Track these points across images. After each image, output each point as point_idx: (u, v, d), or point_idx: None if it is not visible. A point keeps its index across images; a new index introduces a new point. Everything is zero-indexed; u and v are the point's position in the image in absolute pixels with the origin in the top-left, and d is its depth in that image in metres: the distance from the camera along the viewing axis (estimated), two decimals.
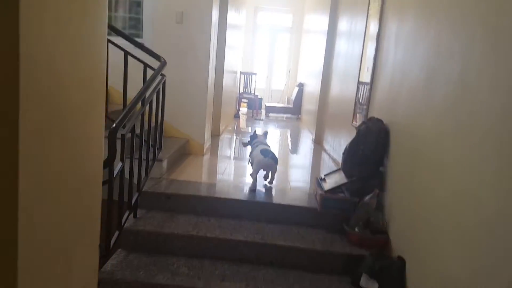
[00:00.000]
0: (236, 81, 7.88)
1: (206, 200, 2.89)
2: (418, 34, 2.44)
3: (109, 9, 3.88)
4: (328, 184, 3.03)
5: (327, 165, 4.42)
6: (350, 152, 2.95)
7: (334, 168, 4.21)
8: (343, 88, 4.50)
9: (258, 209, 2.90)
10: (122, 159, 2.29)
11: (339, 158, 4.29)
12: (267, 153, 3.15)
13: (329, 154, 4.93)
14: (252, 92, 8.61)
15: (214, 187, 3.16)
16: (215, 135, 5.54)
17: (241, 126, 7.71)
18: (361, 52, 3.70)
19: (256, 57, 10.76)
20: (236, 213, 2.88)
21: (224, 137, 5.72)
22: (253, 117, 8.52)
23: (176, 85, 4.02)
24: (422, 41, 2.36)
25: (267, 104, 9.05)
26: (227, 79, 5.97)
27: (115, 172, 2.23)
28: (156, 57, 2.98)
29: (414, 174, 2.31)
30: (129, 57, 2.99)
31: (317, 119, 5.83)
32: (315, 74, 6.92)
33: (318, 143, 5.84)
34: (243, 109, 9.84)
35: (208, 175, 3.60)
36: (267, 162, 3.12)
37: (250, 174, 3.18)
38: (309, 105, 7.47)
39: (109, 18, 3.85)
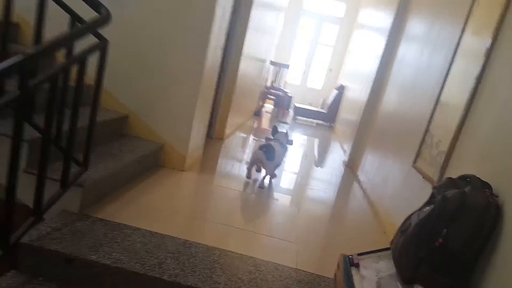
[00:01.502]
0: (263, 71, 6.50)
1: (135, 279, 1.57)
2: None
3: None
4: (367, 282, 1.63)
5: (359, 207, 2.99)
6: (417, 233, 1.53)
7: (370, 220, 2.79)
8: (405, 104, 3.04)
9: None
10: None
11: (379, 201, 2.85)
12: (263, 146, 2.91)
13: (364, 190, 3.49)
14: (282, 87, 7.20)
15: (172, 245, 1.84)
16: (218, 138, 4.22)
17: (262, 126, 6.35)
18: (447, 66, 2.27)
19: (295, 47, 9.30)
20: None
21: (232, 141, 4.38)
22: (277, 118, 7.13)
23: (152, 61, 2.73)
24: None
25: (297, 105, 7.61)
26: (247, 67, 4.61)
27: None
28: (93, 4, 1.66)
29: None
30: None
31: (356, 136, 4.38)
32: (362, 78, 5.44)
33: (351, 167, 4.40)
34: (268, 107, 8.45)
35: (171, 217, 2.25)
36: (257, 154, 2.88)
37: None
38: (348, 114, 5.99)
39: None
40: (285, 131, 3.37)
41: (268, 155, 2.86)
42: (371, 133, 3.96)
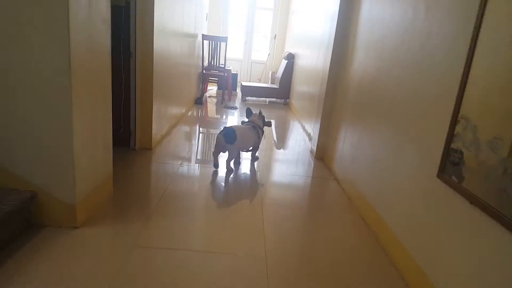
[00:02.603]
0: (195, 49, 5.34)
1: None
2: None
3: None
4: None
5: (354, 234, 2.10)
6: None
7: (377, 258, 1.90)
8: (393, 74, 2.10)
9: None
10: None
11: (378, 222, 1.93)
12: (223, 129, 2.80)
13: (348, 197, 2.59)
14: (223, 65, 6.07)
15: None
16: (144, 149, 3.10)
17: (208, 115, 5.28)
18: (472, 28, 1.34)
19: (231, 16, 8.12)
20: None
21: (168, 145, 3.29)
22: (222, 103, 6.02)
23: None
24: None
25: (244, 84, 6.54)
26: (169, 46, 3.47)
27: None
28: None
29: None
30: None
31: (322, 115, 3.44)
32: (316, 43, 4.49)
33: (321, 159, 3.48)
34: (212, 89, 7.29)
35: None
36: (218, 137, 2.80)
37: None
38: (305, 86, 5.05)
39: None
40: (260, 112, 3.28)
41: (227, 138, 2.76)
42: (343, 110, 3.01)
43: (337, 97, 3.23)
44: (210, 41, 5.76)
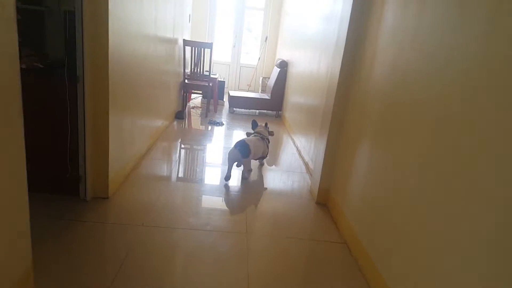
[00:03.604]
0: (175, 56, 4.61)
1: None
2: None
3: None
4: None
5: None
6: None
7: None
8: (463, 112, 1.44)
9: None
10: None
11: None
12: (237, 144, 2.98)
13: (366, 277, 1.93)
14: (209, 72, 5.33)
15: None
16: (99, 198, 2.39)
17: (192, 126, 4.59)
18: None
19: (218, 17, 7.38)
20: None
21: (129, 194, 2.59)
22: (207, 116, 5.29)
23: None
24: None
25: (232, 94, 5.83)
26: (136, 51, 2.76)
27: None
28: None
29: None
30: None
31: (328, 136, 2.69)
32: (318, 46, 3.81)
33: (325, 204, 2.78)
34: (196, 98, 6.54)
35: None
36: (233, 152, 2.95)
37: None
38: (302, 97, 4.39)
39: None
40: (266, 124, 3.50)
41: (243, 153, 2.91)
42: (362, 135, 2.30)
43: (351, 111, 2.47)
44: (193, 47, 5.03)
